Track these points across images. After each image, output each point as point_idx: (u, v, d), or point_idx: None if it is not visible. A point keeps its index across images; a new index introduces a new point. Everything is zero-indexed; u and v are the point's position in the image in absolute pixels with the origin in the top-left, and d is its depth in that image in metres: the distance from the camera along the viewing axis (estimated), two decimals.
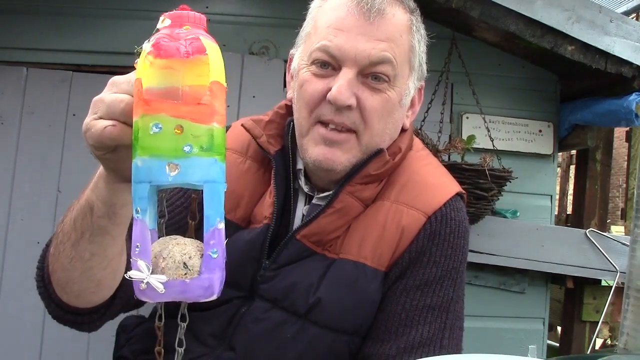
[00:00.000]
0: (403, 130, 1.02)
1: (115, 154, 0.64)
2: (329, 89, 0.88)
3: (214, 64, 0.56)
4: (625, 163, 4.38)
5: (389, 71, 0.89)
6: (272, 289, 0.92)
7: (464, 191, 1.01)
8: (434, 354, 0.89)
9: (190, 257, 0.55)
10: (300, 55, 0.96)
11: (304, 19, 1.01)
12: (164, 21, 0.57)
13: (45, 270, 0.88)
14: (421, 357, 0.85)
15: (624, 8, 3.28)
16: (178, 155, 0.53)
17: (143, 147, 0.53)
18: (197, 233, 0.61)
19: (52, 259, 0.85)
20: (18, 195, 2.29)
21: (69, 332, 0.92)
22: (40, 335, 2.24)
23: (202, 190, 0.55)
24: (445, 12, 2.28)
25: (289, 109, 1.03)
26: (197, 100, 0.54)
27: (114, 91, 0.62)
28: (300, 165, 1.00)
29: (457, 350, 0.93)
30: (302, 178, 0.99)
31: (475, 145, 2.19)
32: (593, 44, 2.19)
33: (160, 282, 0.53)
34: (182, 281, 0.54)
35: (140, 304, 1.00)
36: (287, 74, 1.03)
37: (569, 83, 2.55)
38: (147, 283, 0.54)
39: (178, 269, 0.54)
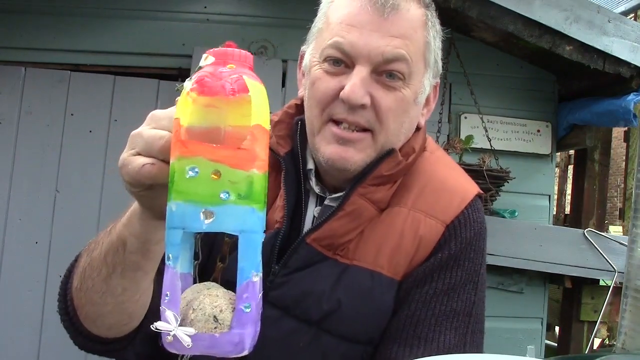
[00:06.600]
0: (418, 128, 0.97)
1: (152, 192, 0.61)
2: (342, 87, 0.84)
3: (257, 105, 0.53)
4: (624, 163, 4.39)
5: (403, 69, 0.85)
6: (283, 296, 0.88)
7: (482, 191, 0.98)
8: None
9: (221, 311, 0.52)
10: (312, 52, 0.92)
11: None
12: (207, 59, 0.55)
13: (70, 304, 0.85)
14: None
15: (622, 8, 3.28)
16: (214, 201, 0.50)
17: (178, 191, 0.51)
18: (223, 274, 0.56)
19: (79, 294, 0.82)
20: (16, 195, 2.29)
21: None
22: (39, 335, 2.24)
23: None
24: (444, 12, 2.27)
25: (298, 108, 1.00)
26: (237, 144, 0.51)
27: (153, 126, 0.59)
28: (310, 165, 0.96)
29: (478, 352, 0.90)
30: (313, 179, 0.95)
31: (473, 145, 2.19)
32: (591, 44, 2.20)
33: (188, 335, 0.50)
34: (211, 335, 0.51)
35: None
36: (298, 71, 1.00)
37: (567, 83, 2.55)
38: (174, 335, 0.50)
39: (208, 322, 0.51)
